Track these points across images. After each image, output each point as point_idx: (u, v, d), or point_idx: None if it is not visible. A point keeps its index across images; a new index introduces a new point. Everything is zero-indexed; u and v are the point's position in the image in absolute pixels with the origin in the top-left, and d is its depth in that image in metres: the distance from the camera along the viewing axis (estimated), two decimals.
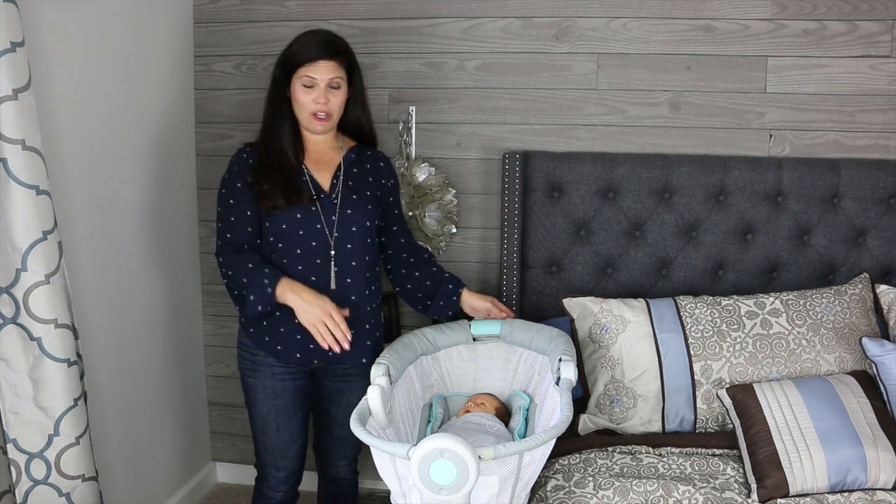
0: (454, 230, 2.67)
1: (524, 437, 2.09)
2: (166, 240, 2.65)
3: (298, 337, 2.05)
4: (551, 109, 2.60)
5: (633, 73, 2.55)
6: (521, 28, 2.57)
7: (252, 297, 1.99)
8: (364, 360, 2.11)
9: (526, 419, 2.14)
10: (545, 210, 2.52)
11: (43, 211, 1.83)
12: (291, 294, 1.97)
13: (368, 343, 2.13)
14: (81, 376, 1.98)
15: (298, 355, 2.08)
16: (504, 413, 2.20)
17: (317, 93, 2.03)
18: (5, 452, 1.91)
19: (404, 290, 2.28)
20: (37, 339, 1.86)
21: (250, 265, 2.01)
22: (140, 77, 2.45)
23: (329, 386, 2.19)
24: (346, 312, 2.02)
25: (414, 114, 2.65)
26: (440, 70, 2.63)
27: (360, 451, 2.28)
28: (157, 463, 2.66)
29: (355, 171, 2.17)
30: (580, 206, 2.51)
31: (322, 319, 1.95)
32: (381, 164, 2.24)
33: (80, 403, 1.96)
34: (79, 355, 1.97)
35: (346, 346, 1.97)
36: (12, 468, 1.90)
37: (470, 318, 2.27)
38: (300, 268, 2.05)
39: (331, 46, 2.04)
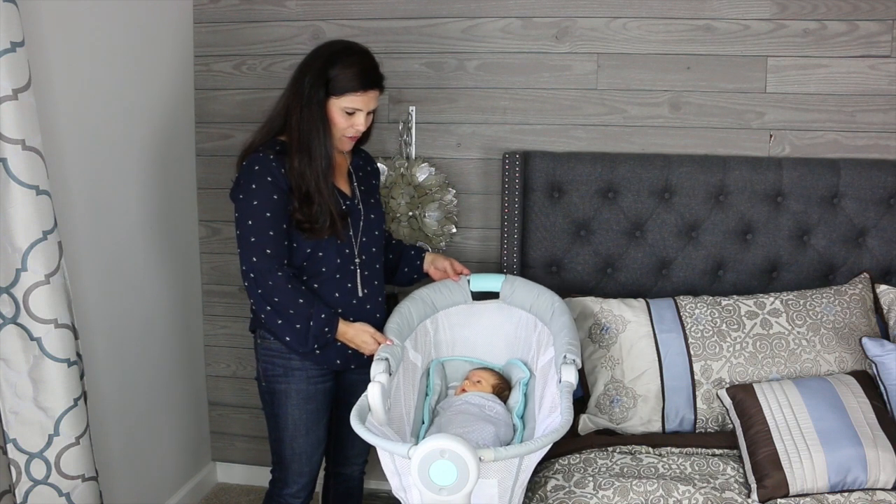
0: (454, 230, 2.67)
1: (523, 416, 2.11)
2: (166, 240, 2.65)
3: (339, 344, 2.07)
4: (551, 109, 2.60)
5: (633, 73, 2.55)
6: (521, 28, 2.57)
7: (316, 345, 2.01)
8: None
9: (525, 394, 2.14)
10: (545, 210, 2.52)
11: (43, 211, 1.83)
12: (344, 339, 2.05)
13: None
14: (81, 376, 1.98)
15: (339, 361, 2.09)
16: (502, 388, 2.20)
17: (357, 119, 2.01)
18: (5, 452, 1.91)
19: (399, 275, 2.34)
20: (37, 339, 1.86)
21: (301, 300, 1.97)
22: (140, 77, 2.45)
23: (353, 378, 2.17)
24: (391, 342, 2.05)
25: (414, 114, 2.65)
26: (440, 70, 2.63)
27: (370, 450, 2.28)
28: (157, 463, 2.66)
29: (361, 174, 2.19)
30: (580, 206, 2.51)
31: (368, 348, 2.04)
32: (375, 165, 2.29)
33: (80, 403, 1.96)
34: (79, 355, 1.97)
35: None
36: (12, 468, 1.90)
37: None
38: (338, 276, 2.05)
39: (378, 75, 2.02)
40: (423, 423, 2.11)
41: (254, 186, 1.96)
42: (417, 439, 2.03)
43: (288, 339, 2.00)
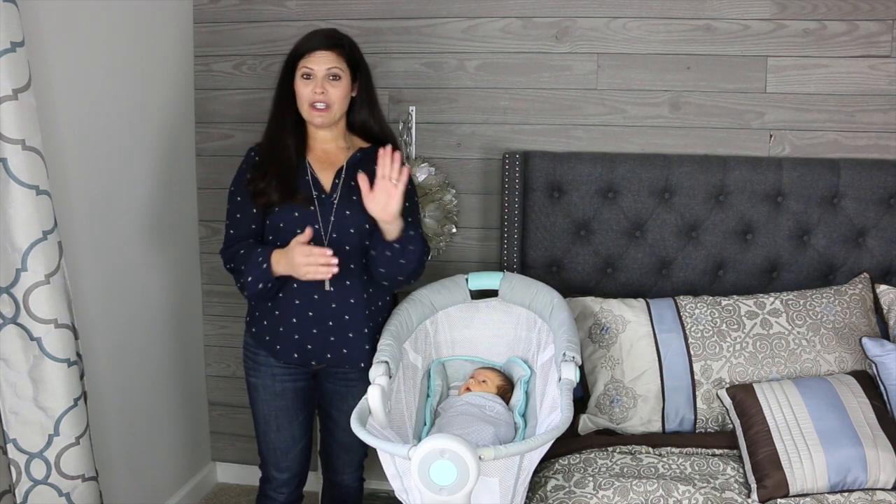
0: (454, 230, 2.67)
1: (524, 414, 2.11)
2: (166, 240, 2.65)
3: (296, 336, 2.05)
4: (551, 109, 2.60)
5: (633, 73, 2.55)
6: (521, 28, 2.57)
7: (251, 278, 1.98)
8: (363, 365, 2.07)
9: (527, 392, 2.14)
10: (545, 210, 2.52)
11: (43, 211, 1.83)
12: (278, 265, 1.95)
13: (367, 347, 2.07)
14: (81, 376, 1.98)
15: (296, 355, 2.07)
16: (506, 389, 2.20)
17: (314, 83, 2.01)
18: (5, 452, 1.91)
19: (373, 263, 2.04)
20: (37, 339, 1.86)
21: (242, 251, 2.03)
22: (140, 77, 2.45)
23: (330, 389, 2.17)
24: (308, 233, 1.93)
25: (414, 114, 2.65)
26: (440, 70, 2.63)
27: (367, 457, 2.27)
28: (157, 463, 2.66)
29: (360, 170, 2.08)
30: (580, 206, 2.51)
31: (305, 264, 1.89)
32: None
33: (80, 403, 1.96)
34: (79, 355, 1.97)
35: (335, 265, 1.89)
36: (12, 468, 1.90)
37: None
38: None
39: (329, 38, 2.05)
40: (426, 424, 2.10)
41: (235, 175, 2.13)
42: (420, 441, 2.02)
43: (249, 290, 2.02)
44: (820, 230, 2.47)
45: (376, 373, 1.90)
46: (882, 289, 2.39)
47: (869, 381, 2.13)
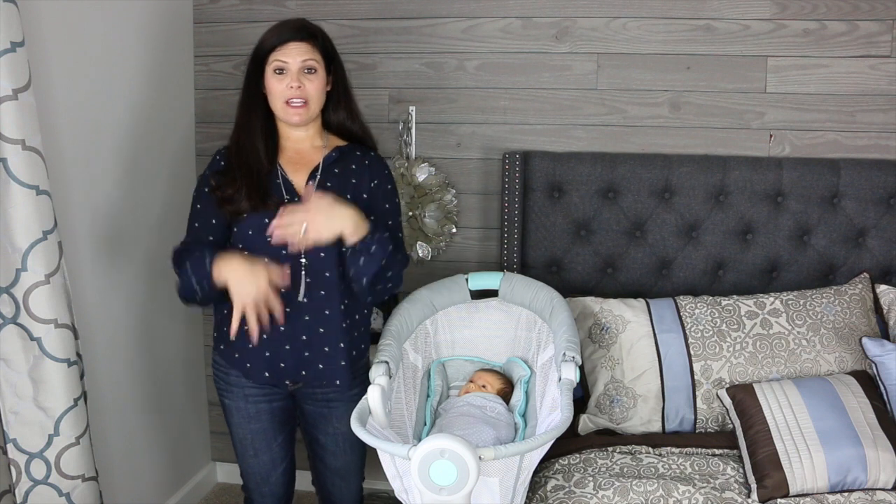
0: (454, 230, 2.67)
1: (524, 414, 2.11)
2: (166, 240, 2.65)
3: (267, 354, 1.92)
4: (551, 109, 2.60)
5: (633, 73, 2.55)
6: (521, 28, 2.57)
7: (190, 271, 1.82)
8: (338, 383, 1.95)
9: (527, 392, 2.14)
10: (545, 210, 2.52)
11: (43, 211, 1.83)
12: (227, 269, 1.78)
13: (343, 364, 1.94)
14: (81, 376, 1.98)
15: (267, 374, 1.94)
16: (507, 392, 2.20)
17: (289, 78, 1.87)
18: (5, 452, 1.91)
19: (350, 280, 1.93)
20: (37, 339, 1.86)
21: (189, 249, 1.87)
22: (140, 77, 2.45)
23: (311, 411, 2.04)
24: (286, 275, 1.80)
25: (414, 114, 2.65)
26: (440, 70, 2.63)
27: (364, 479, 2.20)
28: (157, 463, 2.66)
29: (336, 171, 1.96)
30: (580, 206, 2.51)
31: (256, 301, 1.75)
32: (367, 162, 2.00)
33: (80, 403, 1.96)
34: (79, 355, 1.97)
35: (279, 319, 1.80)
36: (12, 468, 1.90)
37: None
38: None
39: (301, 29, 1.91)
40: (426, 424, 2.10)
41: (199, 179, 2.00)
42: (420, 441, 2.02)
43: (183, 287, 1.86)
44: (820, 230, 2.47)
45: (376, 372, 1.89)
46: (882, 289, 2.39)
47: (869, 381, 2.13)
